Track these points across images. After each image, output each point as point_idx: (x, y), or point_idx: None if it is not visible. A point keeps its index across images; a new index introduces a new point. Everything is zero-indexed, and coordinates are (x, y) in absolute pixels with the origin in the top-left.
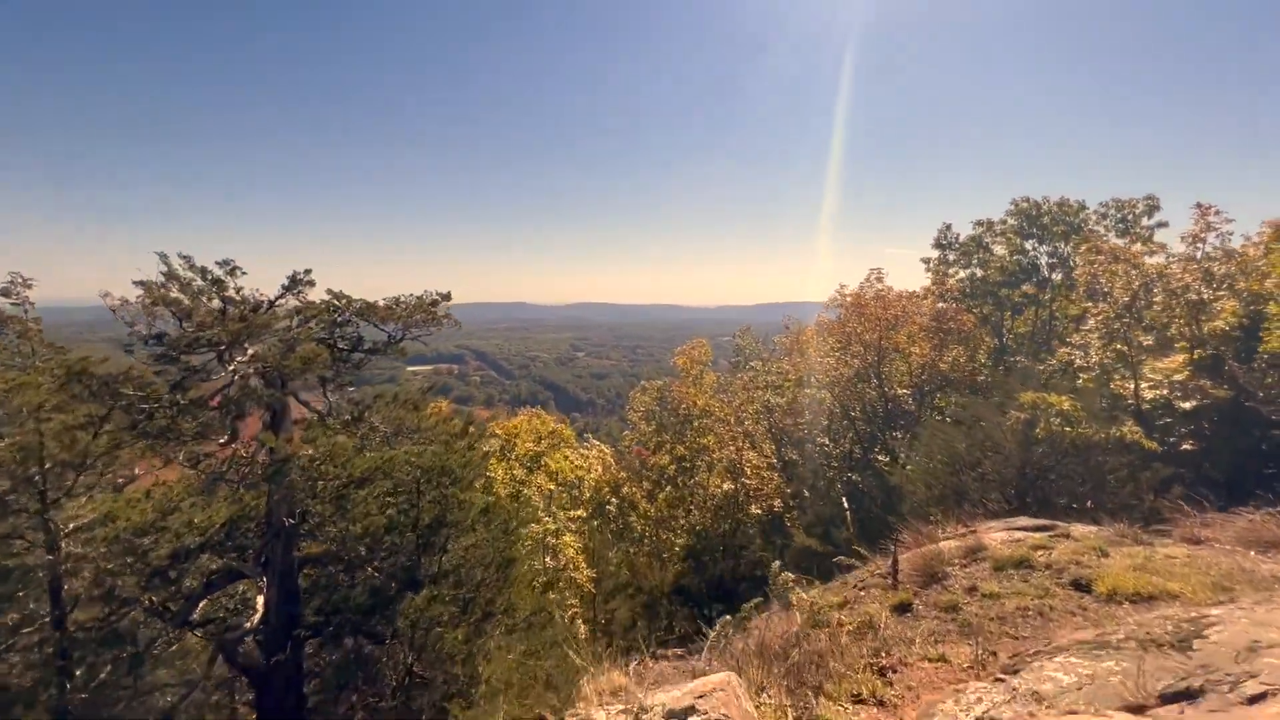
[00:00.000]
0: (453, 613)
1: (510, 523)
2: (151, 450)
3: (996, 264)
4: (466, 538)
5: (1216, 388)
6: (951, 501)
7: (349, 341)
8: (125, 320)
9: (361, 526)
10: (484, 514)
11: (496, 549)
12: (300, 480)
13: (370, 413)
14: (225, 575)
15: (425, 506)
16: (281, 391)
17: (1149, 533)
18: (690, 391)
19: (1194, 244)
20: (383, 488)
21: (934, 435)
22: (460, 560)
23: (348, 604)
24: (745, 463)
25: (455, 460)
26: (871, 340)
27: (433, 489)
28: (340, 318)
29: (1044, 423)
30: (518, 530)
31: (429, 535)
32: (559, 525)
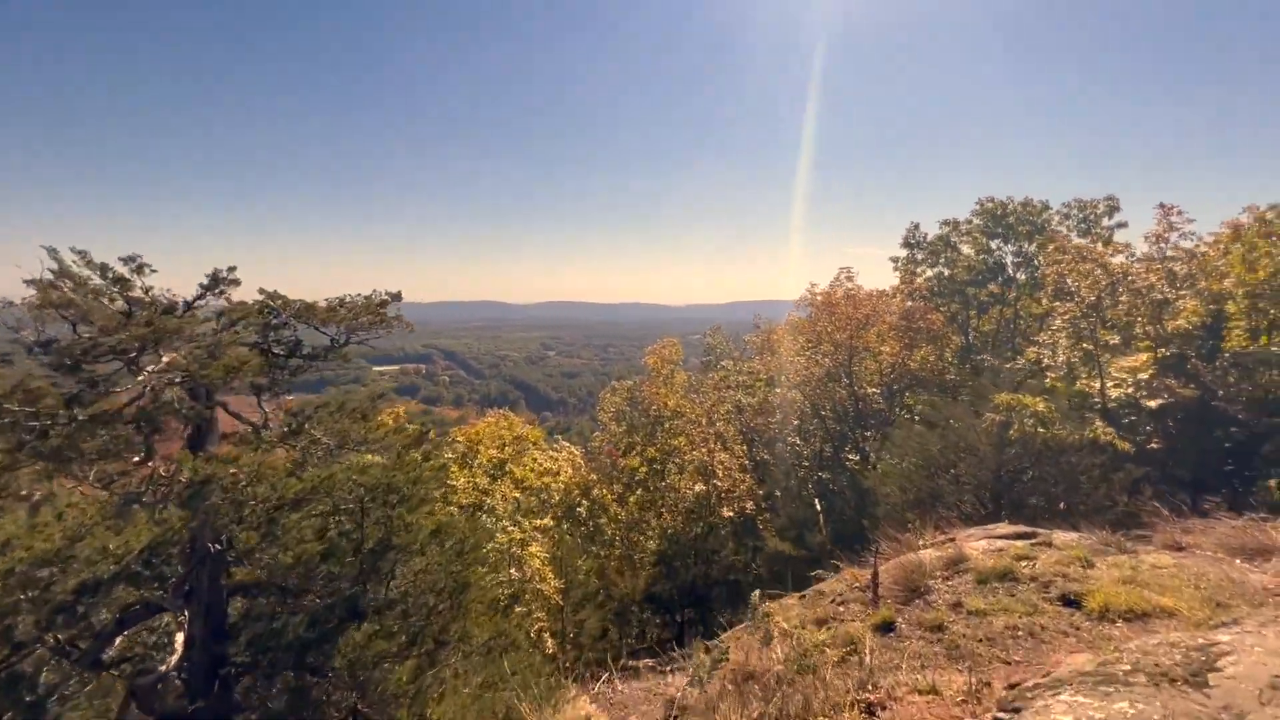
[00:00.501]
0: (401, 644)
1: (466, 543)
2: (56, 470)
3: (963, 263)
4: (416, 562)
5: (1183, 387)
6: (927, 505)
7: (286, 346)
8: (8, 325)
9: (293, 555)
10: (435, 536)
11: (450, 573)
12: (223, 504)
13: (311, 424)
14: (143, 609)
15: (370, 529)
16: (207, 403)
17: (1130, 539)
18: (661, 392)
19: (1157, 244)
20: (322, 508)
21: (907, 437)
22: (409, 587)
23: (282, 638)
24: (717, 464)
25: (404, 476)
26: (842, 339)
27: (379, 509)
28: (275, 320)
29: (1018, 424)
30: (475, 551)
31: (374, 560)
32: (525, 535)
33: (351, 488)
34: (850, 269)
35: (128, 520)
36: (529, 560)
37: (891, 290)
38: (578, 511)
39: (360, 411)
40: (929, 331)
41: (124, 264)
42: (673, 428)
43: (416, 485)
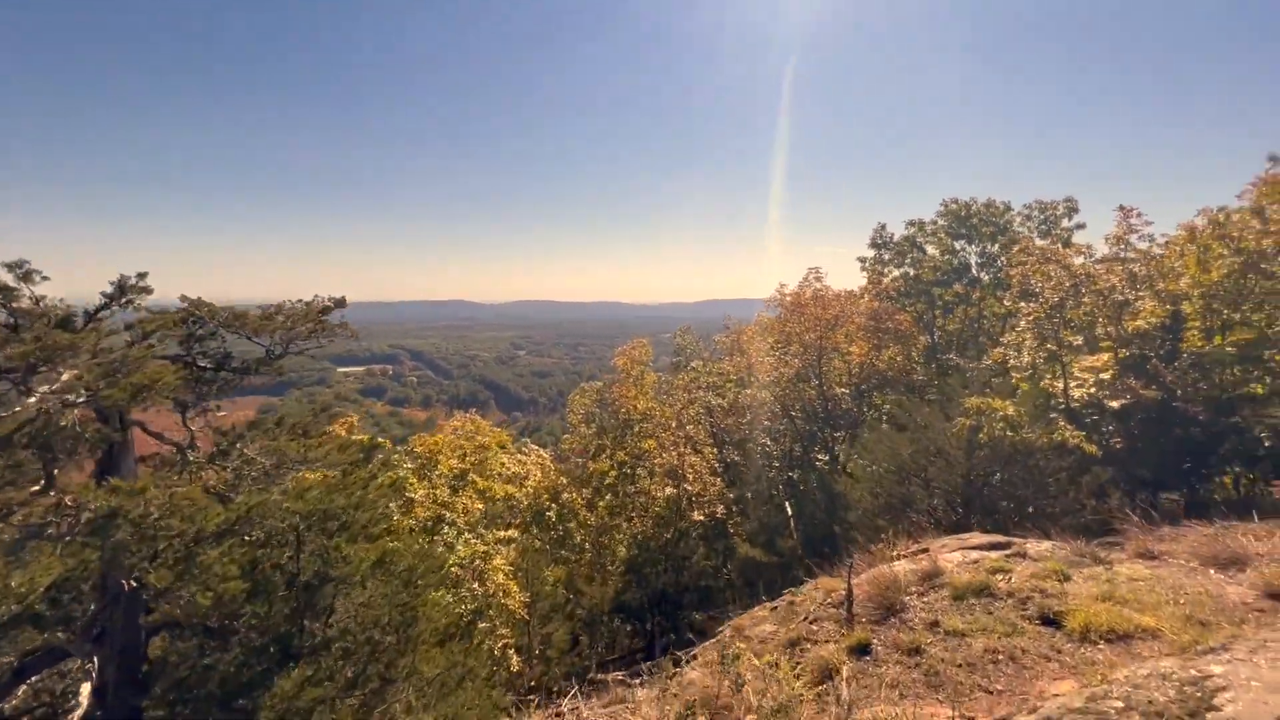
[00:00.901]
0: (341, 685)
1: (417, 569)
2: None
3: (929, 263)
4: (358, 594)
5: (1145, 388)
6: (898, 510)
7: (213, 359)
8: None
9: (212, 595)
10: (379, 565)
11: (397, 604)
12: (132, 539)
13: (244, 443)
14: (48, 654)
15: (305, 560)
16: (119, 425)
17: (1103, 547)
18: (630, 394)
19: (1117, 245)
20: (250, 539)
21: (877, 441)
22: (351, 622)
23: (206, 684)
24: (687, 467)
25: (345, 500)
26: (811, 340)
27: (317, 537)
28: (200, 330)
29: (987, 428)
30: (427, 576)
31: (310, 595)
32: (488, 548)
33: (284, 515)
34: (819, 269)
35: (31, 555)
36: (492, 575)
37: (859, 290)
38: (547, 516)
39: (301, 427)
40: (896, 332)
41: (8, 270)
42: (642, 430)
43: (359, 509)
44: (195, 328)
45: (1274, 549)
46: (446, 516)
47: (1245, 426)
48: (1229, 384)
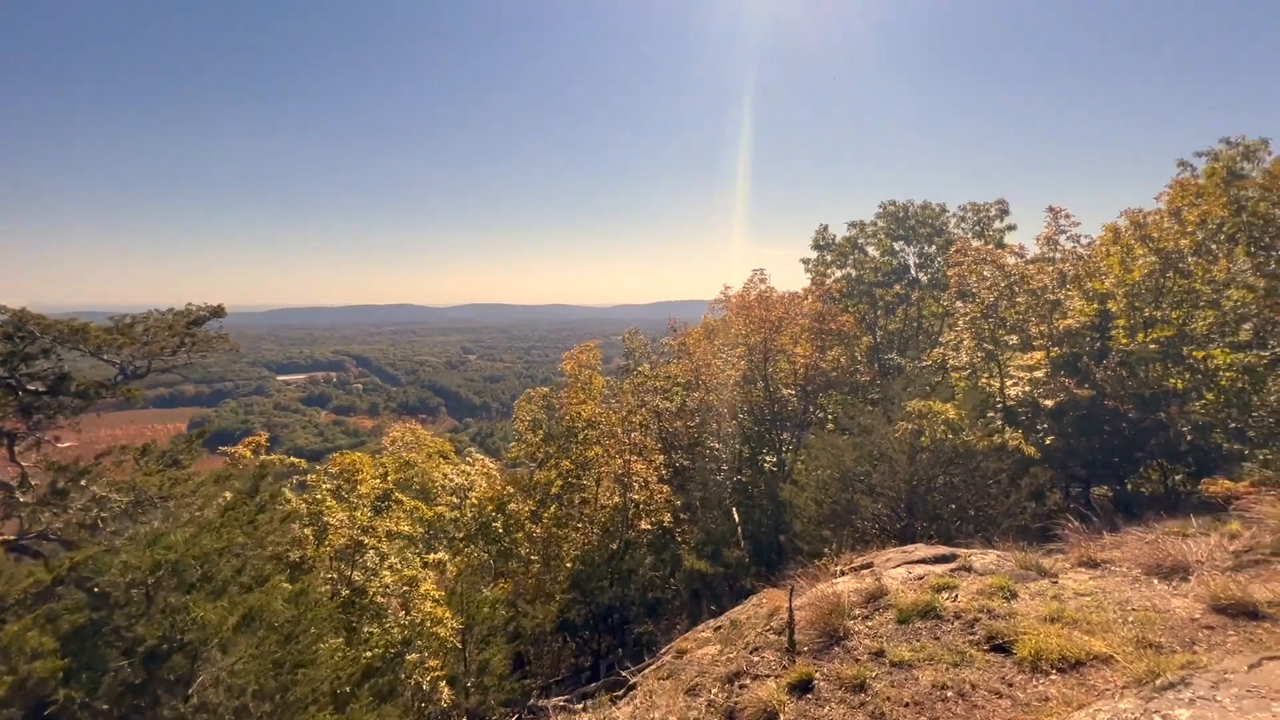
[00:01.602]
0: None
1: (303, 621)
2: None
3: (870, 264)
4: (221, 659)
5: (1078, 386)
6: (843, 517)
7: (47, 380)
8: None
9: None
10: (248, 622)
11: (273, 664)
12: None
13: (91, 479)
14: None
15: (147, 626)
16: None
17: (1046, 554)
18: (575, 399)
19: (1048, 245)
20: (72, 604)
21: (822, 446)
22: (214, 693)
23: None
24: (633, 475)
25: (212, 544)
26: (756, 341)
27: (171, 594)
28: (28, 348)
29: (930, 431)
30: (316, 625)
31: (155, 667)
32: (415, 573)
33: (125, 570)
34: (763, 271)
35: None
36: (418, 603)
37: (803, 292)
38: (493, 527)
39: (171, 457)
40: (839, 333)
41: None
42: (587, 437)
43: (224, 555)
44: (21, 344)
45: (1212, 554)
46: (366, 542)
47: (1169, 422)
48: (1153, 380)
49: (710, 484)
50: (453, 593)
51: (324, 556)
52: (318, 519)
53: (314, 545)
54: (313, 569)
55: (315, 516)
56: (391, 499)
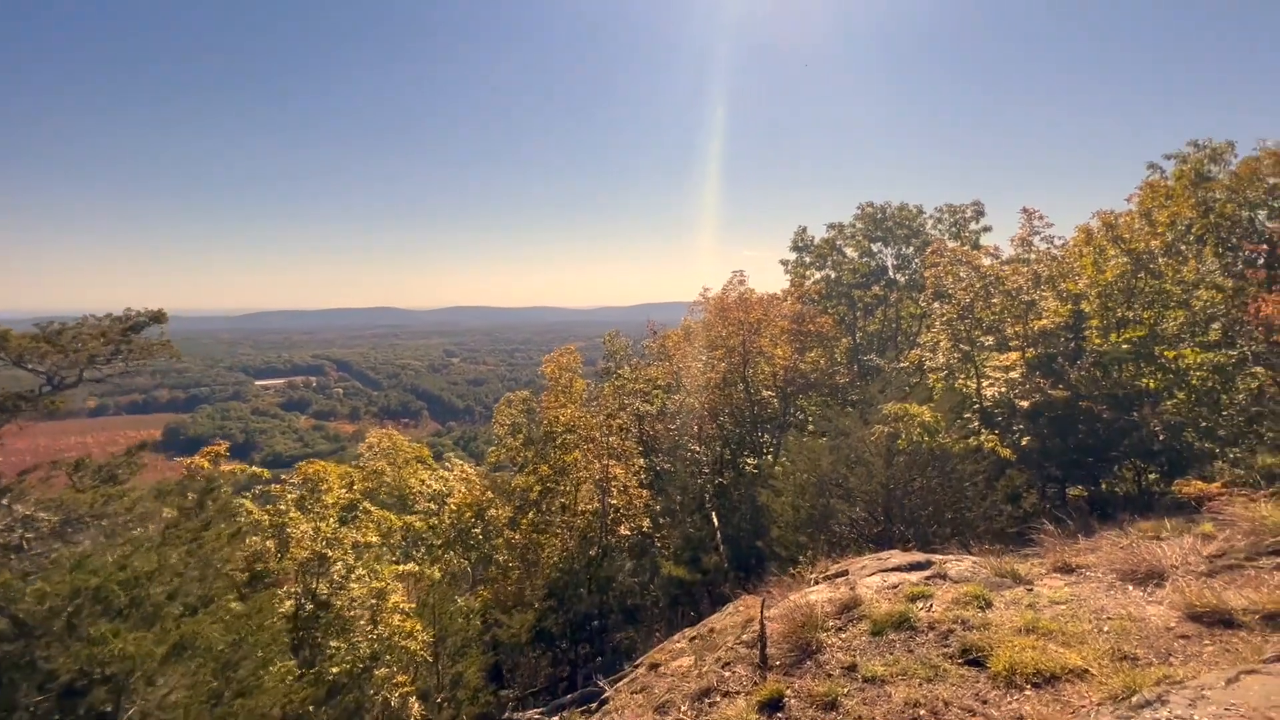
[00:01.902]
0: None
1: (246, 645)
2: None
3: (848, 266)
4: (154, 691)
5: (1054, 387)
6: (819, 523)
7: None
8: None
9: None
10: (179, 652)
11: (205, 697)
12: None
13: (13, 498)
14: None
15: (68, 656)
16: None
17: (1021, 559)
18: (556, 402)
19: (1022, 246)
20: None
21: (799, 450)
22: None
23: None
24: (612, 480)
25: (135, 569)
26: (735, 344)
27: (95, 622)
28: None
29: (906, 435)
30: (257, 653)
31: (73, 700)
32: (384, 585)
33: (38, 598)
34: (743, 272)
35: None
36: (386, 617)
37: (783, 293)
38: (472, 534)
39: (108, 472)
40: (819, 334)
41: None
42: (565, 442)
43: (153, 581)
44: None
45: (1186, 558)
46: (331, 554)
47: (1142, 422)
48: (1126, 380)
49: (690, 488)
50: (424, 604)
51: (287, 570)
52: (280, 531)
53: (276, 558)
54: (274, 584)
55: (278, 529)
56: (359, 509)
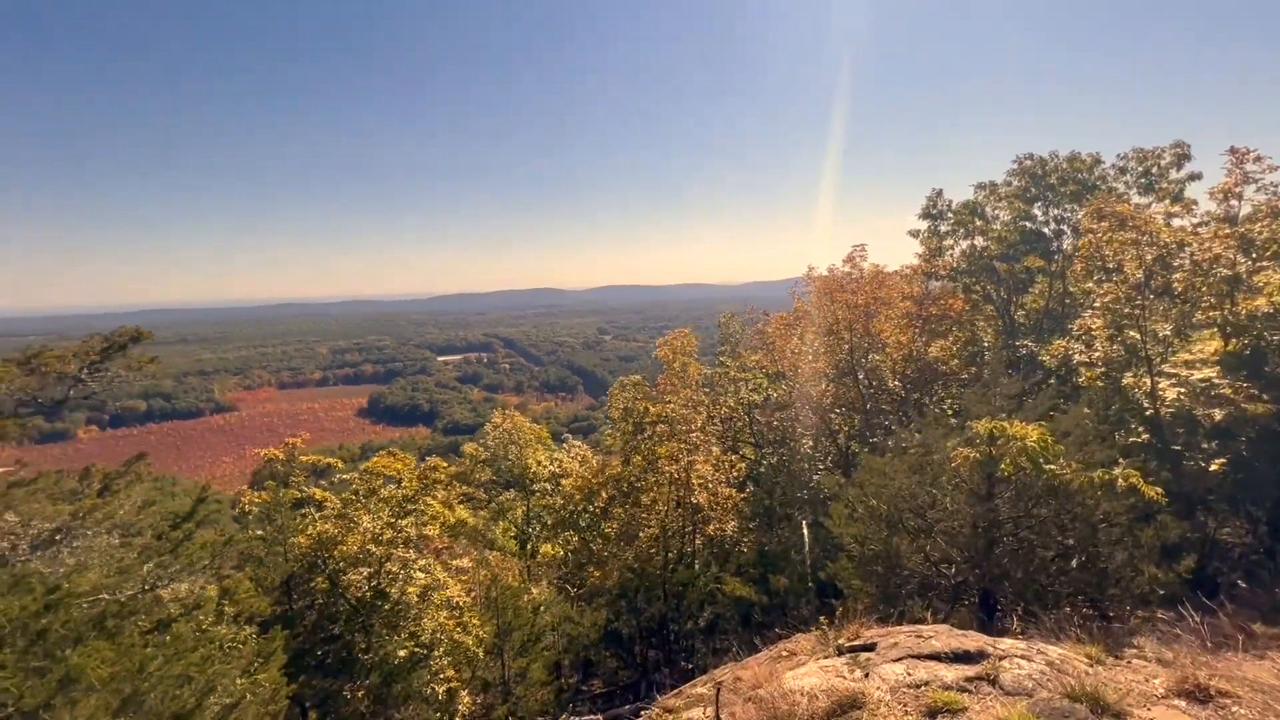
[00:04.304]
0: None
1: (211, 659)
2: None
3: (998, 233)
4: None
5: (1254, 400)
6: (886, 564)
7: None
8: None
9: None
10: (64, 687)
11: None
12: None
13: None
14: None
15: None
16: None
17: (1128, 664)
18: (670, 387)
19: (1226, 200)
20: None
21: (869, 475)
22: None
23: None
24: (695, 477)
25: (37, 598)
26: (845, 329)
27: (38, 642)
28: None
29: (1006, 461)
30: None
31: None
32: (437, 578)
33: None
34: (863, 247)
35: None
36: (433, 613)
37: (910, 269)
38: (580, 519)
39: (104, 481)
40: (949, 317)
41: None
42: (657, 433)
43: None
44: None
45: None
46: (375, 550)
47: None
48: None
49: (779, 490)
50: (488, 598)
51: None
52: (344, 519)
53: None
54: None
55: (343, 517)
56: (418, 503)
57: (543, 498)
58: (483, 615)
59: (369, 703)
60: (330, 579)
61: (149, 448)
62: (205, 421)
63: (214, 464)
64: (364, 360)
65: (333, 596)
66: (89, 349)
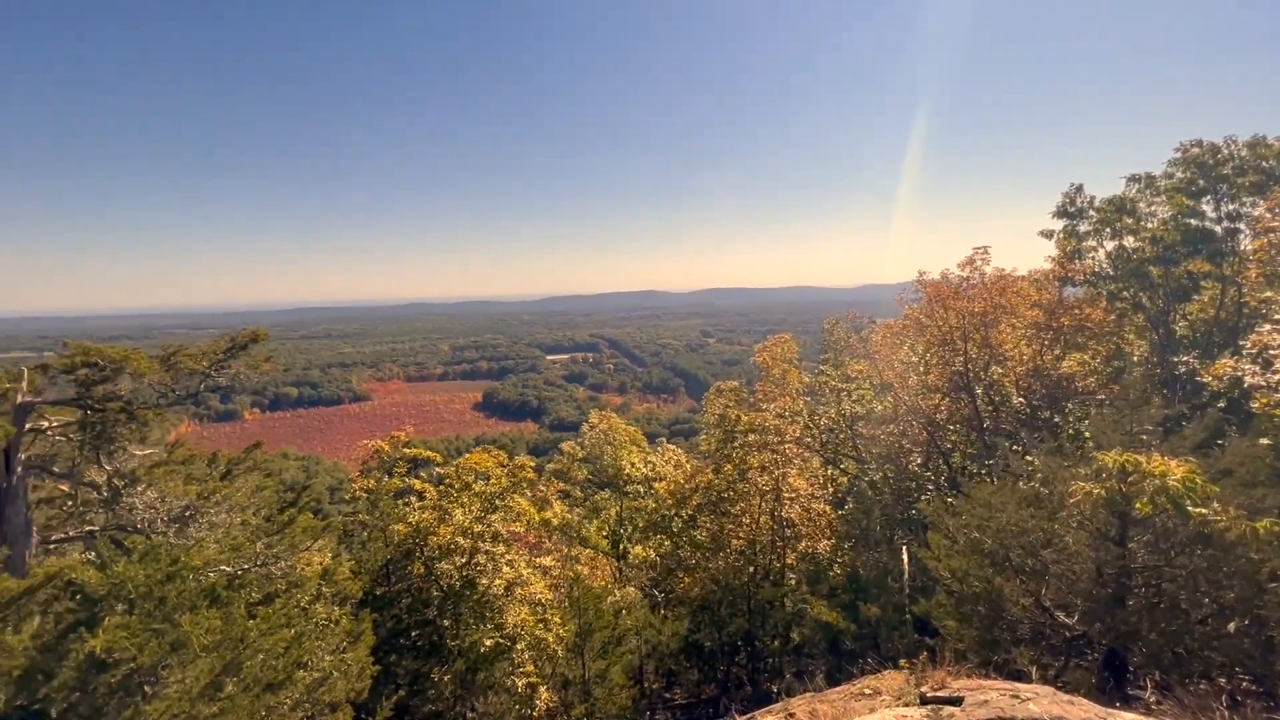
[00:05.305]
0: None
1: (304, 635)
2: None
3: (1153, 232)
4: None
5: None
6: (985, 613)
7: (120, 401)
8: None
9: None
10: (175, 649)
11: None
12: None
13: (144, 489)
14: None
15: (116, 638)
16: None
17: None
18: (769, 394)
19: None
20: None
21: (971, 505)
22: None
23: None
24: (787, 491)
25: (215, 554)
26: (958, 340)
27: (154, 609)
28: (96, 376)
29: (1143, 501)
30: (269, 651)
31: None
32: (521, 574)
33: (102, 585)
34: (986, 248)
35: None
36: (512, 609)
37: (1040, 273)
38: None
39: (225, 466)
40: (1086, 328)
41: None
42: (746, 444)
43: (170, 582)
44: (93, 373)
45: None
46: (462, 542)
47: None
48: None
49: (893, 509)
50: (570, 598)
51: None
52: (440, 509)
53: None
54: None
55: (439, 508)
56: (500, 501)
57: (635, 499)
58: (565, 614)
59: (454, 688)
60: (425, 565)
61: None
62: (344, 408)
63: (349, 447)
64: (480, 357)
65: (426, 582)
66: (215, 349)
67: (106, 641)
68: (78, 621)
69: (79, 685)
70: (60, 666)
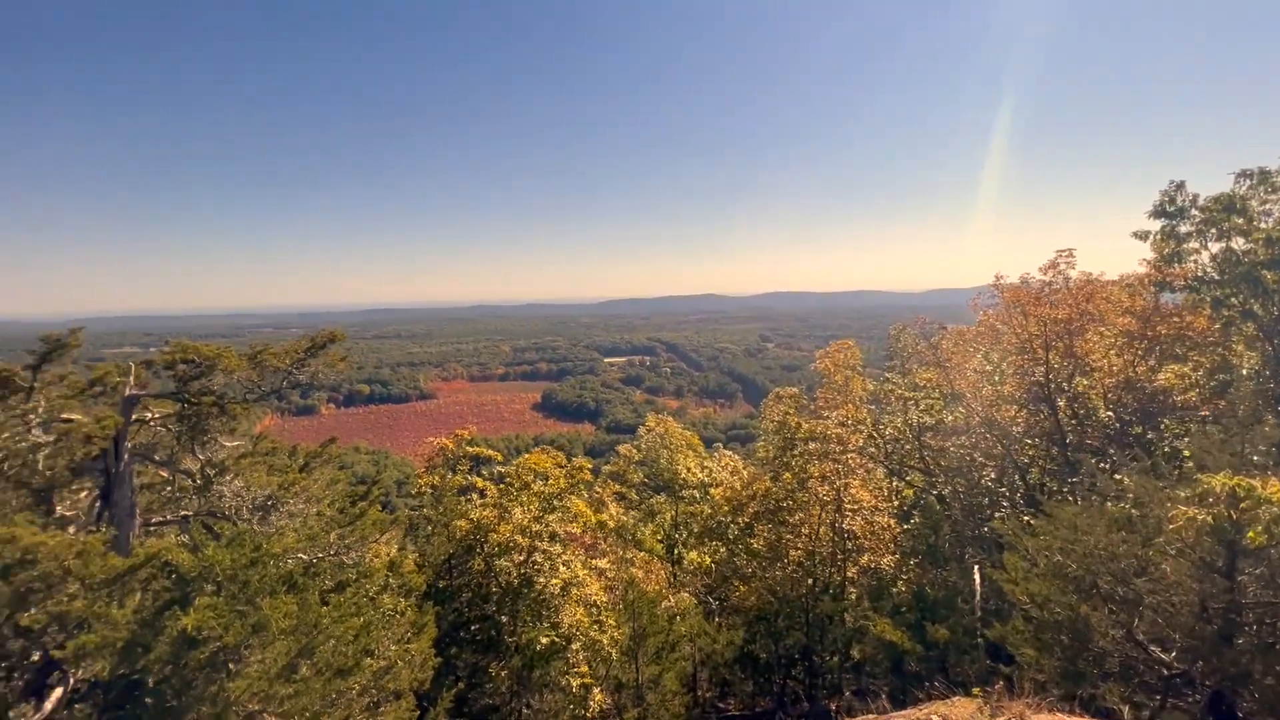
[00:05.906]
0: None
1: (372, 624)
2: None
3: (1267, 233)
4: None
5: None
6: (1068, 643)
7: (213, 396)
8: None
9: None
10: (256, 631)
11: (324, 681)
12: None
13: (220, 479)
14: None
15: (206, 618)
16: (115, 460)
17: None
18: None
19: None
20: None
21: (1055, 526)
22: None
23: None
24: (849, 502)
25: (293, 543)
26: (1039, 348)
27: (239, 592)
28: (192, 372)
29: (1257, 530)
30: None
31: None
32: (576, 576)
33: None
34: (1070, 251)
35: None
36: (568, 609)
37: (1134, 278)
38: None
39: (303, 459)
40: (1187, 337)
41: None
42: (806, 452)
43: (253, 567)
44: (189, 370)
45: None
46: (520, 541)
47: None
48: None
49: (963, 526)
50: (624, 600)
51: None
52: (500, 506)
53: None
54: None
55: (500, 506)
56: (558, 502)
57: (690, 504)
58: (619, 616)
59: (511, 683)
60: (485, 561)
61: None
62: (411, 406)
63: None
64: (539, 359)
65: (486, 578)
66: (297, 348)
67: (197, 620)
68: (172, 600)
69: (172, 659)
70: (156, 641)
